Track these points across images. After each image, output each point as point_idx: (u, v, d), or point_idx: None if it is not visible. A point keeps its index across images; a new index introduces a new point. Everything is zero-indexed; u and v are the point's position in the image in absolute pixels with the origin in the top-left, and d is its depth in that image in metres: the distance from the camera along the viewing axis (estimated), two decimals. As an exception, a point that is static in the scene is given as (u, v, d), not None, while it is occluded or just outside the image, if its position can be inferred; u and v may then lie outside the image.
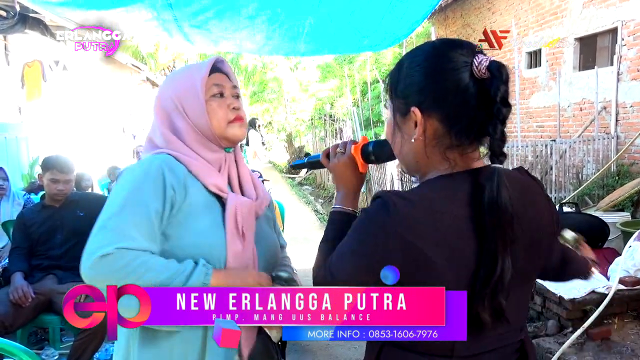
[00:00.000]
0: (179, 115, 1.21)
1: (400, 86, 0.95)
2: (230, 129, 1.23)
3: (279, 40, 3.15)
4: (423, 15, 3.07)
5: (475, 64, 0.88)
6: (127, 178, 1.15)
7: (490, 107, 0.87)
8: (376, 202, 0.89)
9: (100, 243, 1.05)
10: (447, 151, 0.91)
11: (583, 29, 7.96)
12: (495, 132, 0.87)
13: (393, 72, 0.97)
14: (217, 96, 1.22)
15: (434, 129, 0.91)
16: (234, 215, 1.17)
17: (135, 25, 3.08)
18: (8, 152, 6.15)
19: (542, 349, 3.16)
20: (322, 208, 10.30)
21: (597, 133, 7.28)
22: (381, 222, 0.86)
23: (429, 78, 0.91)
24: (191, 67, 1.29)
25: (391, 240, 0.85)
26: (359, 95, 12.58)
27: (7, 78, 6.56)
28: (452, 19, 12.41)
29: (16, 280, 2.77)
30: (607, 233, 4.03)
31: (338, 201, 1.09)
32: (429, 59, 0.92)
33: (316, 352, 3.52)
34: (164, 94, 1.24)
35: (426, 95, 0.90)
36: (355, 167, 1.10)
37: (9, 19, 5.19)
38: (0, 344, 1.76)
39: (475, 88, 0.88)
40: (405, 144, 0.95)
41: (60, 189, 2.98)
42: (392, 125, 0.98)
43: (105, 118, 9.58)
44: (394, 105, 0.96)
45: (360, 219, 0.91)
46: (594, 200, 6.05)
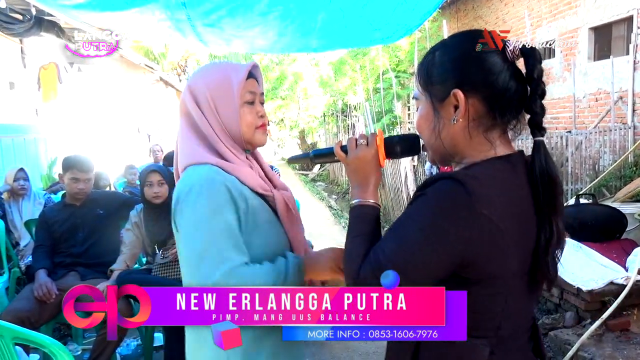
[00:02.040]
0: (210, 111, 1.22)
1: (436, 72, 0.97)
2: (257, 135, 1.27)
3: (291, 37, 3.17)
4: (435, 6, 3.06)
5: (509, 48, 0.94)
6: (198, 201, 1.13)
7: (529, 84, 0.95)
8: (445, 184, 0.88)
9: (205, 274, 1.07)
10: (488, 132, 0.96)
11: (598, 18, 7.85)
12: (535, 107, 0.94)
13: (425, 62, 1.00)
14: (249, 103, 1.25)
15: (475, 109, 0.95)
16: (285, 208, 1.26)
17: (149, 26, 3.11)
18: (27, 153, 6.28)
19: (560, 340, 3.14)
20: (336, 204, 10.32)
21: (613, 123, 7.18)
22: (462, 202, 0.86)
23: (467, 61, 0.95)
24: (228, 66, 1.29)
25: (475, 220, 0.86)
26: (372, 86, 12.55)
27: (24, 80, 6.68)
28: (464, 12, 12.31)
29: (40, 277, 2.84)
30: (625, 224, 3.99)
31: (359, 195, 1.05)
32: (464, 45, 0.97)
33: (333, 344, 3.54)
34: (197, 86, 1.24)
35: (466, 77, 0.94)
36: (377, 160, 1.08)
37: (25, 22, 5.28)
38: (32, 336, 1.82)
39: (510, 70, 0.94)
40: (445, 129, 0.97)
41: (80, 187, 3.05)
42: (429, 112, 0.99)
43: (120, 118, 9.70)
44: (430, 92, 0.98)
45: (428, 204, 0.89)
46: (611, 192, 5.98)
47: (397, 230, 0.91)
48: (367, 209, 1.03)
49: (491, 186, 0.89)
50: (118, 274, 2.90)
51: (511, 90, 0.94)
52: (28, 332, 1.85)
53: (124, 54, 9.36)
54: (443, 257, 0.87)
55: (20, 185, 4.04)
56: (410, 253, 0.87)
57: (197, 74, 1.30)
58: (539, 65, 0.95)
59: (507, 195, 0.90)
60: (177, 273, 2.87)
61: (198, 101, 1.23)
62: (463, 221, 0.86)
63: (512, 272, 0.92)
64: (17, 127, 6.24)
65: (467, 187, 0.86)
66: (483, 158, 0.95)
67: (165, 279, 2.83)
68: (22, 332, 1.84)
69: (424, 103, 1.00)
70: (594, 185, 5.97)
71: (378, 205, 1.04)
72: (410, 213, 0.91)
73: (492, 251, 0.88)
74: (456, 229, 0.86)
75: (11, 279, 3.58)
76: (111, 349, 2.77)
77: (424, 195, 0.90)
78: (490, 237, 0.87)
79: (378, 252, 0.90)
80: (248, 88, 1.25)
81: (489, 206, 0.86)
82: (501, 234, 0.88)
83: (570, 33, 8.59)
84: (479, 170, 0.91)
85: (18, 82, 6.53)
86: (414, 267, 0.87)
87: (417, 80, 1.02)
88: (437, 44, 1.02)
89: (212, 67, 1.31)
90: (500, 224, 0.87)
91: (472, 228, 0.86)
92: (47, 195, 4.35)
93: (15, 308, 2.69)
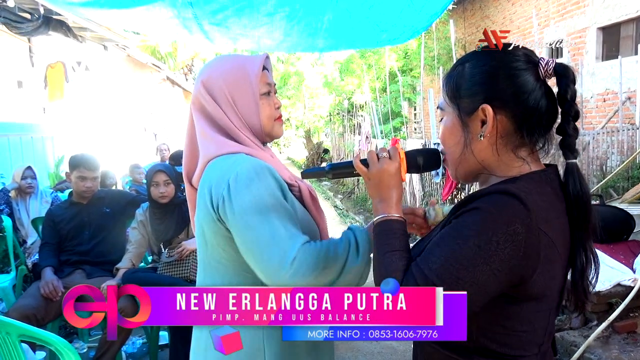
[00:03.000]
0: (228, 104, 1.19)
1: (465, 86, 0.95)
2: (276, 126, 1.26)
3: (297, 37, 3.17)
4: (442, 7, 3.05)
5: (542, 66, 0.92)
6: (252, 185, 1.09)
7: (562, 105, 0.93)
8: (502, 198, 0.85)
9: (283, 252, 1.03)
10: (516, 150, 0.94)
11: (606, 18, 7.80)
12: (568, 128, 0.93)
13: (454, 73, 0.97)
14: (266, 95, 1.23)
15: (503, 126, 0.92)
16: (311, 197, 1.23)
17: (157, 24, 3.13)
18: (34, 152, 6.32)
19: (566, 342, 3.13)
20: (341, 203, 10.31)
21: (621, 124, 7.13)
22: (521, 218, 0.83)
23: (499, 76, 0.92)
24: (241, 58, 1.26)
25: (534, 237, 0.84)
26: (379, 85, 12.52)
27: (32, 79, 6.72)
28: (471, 11, 12.27)
29: (46, 275, 2.85)
30: (632, 225, 3.96)
31: (384, 210, 1.00)
32: (496, 59, 0.94)
33: (338, 344, 3.54)
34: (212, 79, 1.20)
35: (496, 93, 0.92)
36: (400, 174, 1.04)
37: (33, 21, 5.30)
38: (38, 334, 1.83)
39: (542, 89, 0.92)
40: (471, 143, 0.95)
41: (88, 186, 3.07)
42: (455, 125, 0.97)
43: (127, 117, 9.73)
44: (458, 105, 0.96)
45: (484, 218, 0.84)
46: (618, 193, 5.94)
47: (446, 245, 0.86)
48: (395, 224, 0.97)
49: (542, 201, 0.87)
50: (123, 272, 2.92)
51: (541, 110, 0.92)
52: (34, 330, 1.86)
53: (131, 53, 9.40)
54: (498, 275, 0.83)
55: (28, 183, 4.06)
56: (464, 269, 0.83)
57: (210, 68, 1.24)
58: (572, 85, 0.93)
59: (553, 209, 0.90)
60: (182, 271, 2.88)
61: (214, 95, 1.19)
62: (522, 237, 0.83)
63: (558, 289, 0.92)
64: (24, 126, 6.28)
65: (525, 201, 0.84)
66: (517, 173, 0.92)
67: (170, 278, 2.84)
68: (28, 329, 1.85)
69: (450, 115, 0.98)
70: (602, 186, 5.92)
71: (404, 219, 0.99)
72: (461, 228, 0.86)
73: (547, 268, 0.87)
74: (515, 246, 0.82)
75: (18, 276, 3.60)
76: (117, 347, 2.78)
77: (477, 209, 0.86)
78: (547, 253, 0.86)
79: (422, 267, 0.85)
80: (264, 80, 1.22)
81: (545, 222, 0.85)
82: (555, 249, 0.87)
83: (578, 33, 8.54)
84: (525, 184, 0.89)
85: (26, 80, 6.57)
86: (466, 284, 0.82)
87: (444, 91, 0.99)
88: (468, 55, 0.98)
89: (225, 60, 1.26)
90: (554, 239, 0.87)
91: (530, 244, 0.83)
92: (54, 193, 4.37)
93: (21, 305, 2.71)
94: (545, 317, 0.91)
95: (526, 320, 0.89)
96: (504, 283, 0.84)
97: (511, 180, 0.91)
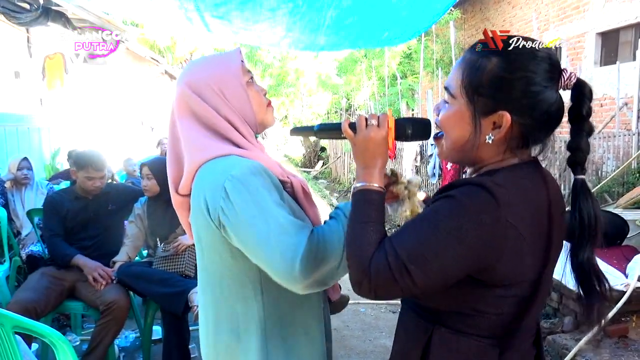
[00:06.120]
0: (221, 101, 1.18)
1: (489, 86, 0.93)
2: (268, 113, 1.26)
3: (299, 33, 3.16)
4: (445, 8, 3.05)
5: (564, 78, 0.94)
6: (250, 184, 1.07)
7: (576, 120, 0.95)
8: (473, 190, 0.88)
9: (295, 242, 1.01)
10: (516, 149, 0.97)
11: (605, 23, 7.82)
12: (581, 144, 0.95)
13: (479, 66, 0.94)
14: (251, 82, 1.23)
15: (512, 131, 0.94)
16: (303, 192, 1.23)
17: (158, 13, 3.12)
18: (31, 143, 6.29)
19: (558, 345, 3.14)
20: (337, 202, 10.32)
21: (617, 129, 7.15)
22: (490, 210, 0.86)
23: (526, 91, 0.92)
24: (217, 56, 1.26)
25: (500, 228, 0.86)
26: (377, 88, 12.52)
27: (29, 70, 6.68)
28: (471, 13, 12.29)
29: (88, 263, 2.86)
30: (626, 230, 3.99)
31: (364, 177, 1.00)
32: (526, 69, 0.92)
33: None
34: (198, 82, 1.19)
35: (518, 104, 0.92)
36: (387, 143, 1.03)
37: (32, 11, 5.26)
38: (32, 326, 1.82)
39: (557, 103, 0.94)
40: (476, 139, 0.95)
41: (97, 185, 3.02)
42: (465, 119, 0.95)
43: (124, 110, 9.70)
44: (475, 101, 0.94)
45: (455, 206, 0.88)
46: (613, 198, 5.97)
47: (419, 226, 0.89)
48: (373, 194, 0.98)
49: (516, 194, 0.89)
50: (119, 265, 2.91)
51: (552, 122, 0.95)
52: (28, 321, 1.85)
53: (130, 47, 9.35)
54: (462, 261, 0.87)
55: (24, 174, 4.04)
56: (432, 252, 0.86)
57: (190, 71, 1.23)
58: (588, 102, 0.94)
59: (528, 202, 0.91)
60: (177, 266, 2.87)
61: (202, 95, 1.18)
62: (488, 227, 0.86)
63: (528, 280, 0.93)
64: (21, 116, 6.24)
65: (495, 195, 0.86)
66: (505, 165, 0.96)
67: (165, 272, 2.83)
68: (22, 321, 1.84)
69: (460, 106, 0.96)
70: (597, 191, 5.95)
71: (383, 190, 1.00)
72: (434, 213, 0.90)
73: (513, 258, 0.89)
74: (480, 235, 0.86)
75: (12, 268, 3.58)
76: (109, 340, 2.77)
77: (451, 197, 0.88)
78: (513, 244, 0.88)
79: (395, 244, 0.88)
80: (243, 69, 1.23)
81: (514, 215, 0.87)
82: (524, 241, 0.89)
83: (577, 37, 8.57)
84: (503, 177, 0.91)
85: (23, 71, 6.52)
86: (433, 265, 0.86)
87: (461, 78, 0.96)
88: (500, 51, 0.94)
89: (203, 61, 1.26)
90: (524, 232, 0.89)
91: (496, 235, 0.86)
92: (49, 185, 4.35)
93: (22, 298, 2.68)
94: (514, 304, 0.93)
95: (492, 304, 0.92)
96: (468, 267, 0.88)
97: (490, 173, 0.94)
